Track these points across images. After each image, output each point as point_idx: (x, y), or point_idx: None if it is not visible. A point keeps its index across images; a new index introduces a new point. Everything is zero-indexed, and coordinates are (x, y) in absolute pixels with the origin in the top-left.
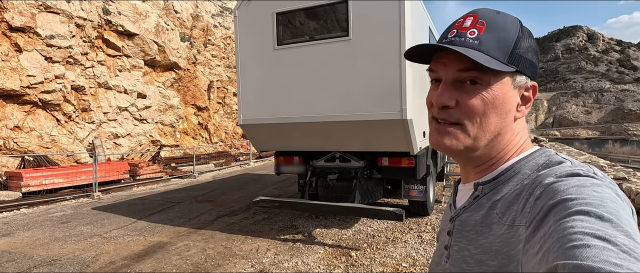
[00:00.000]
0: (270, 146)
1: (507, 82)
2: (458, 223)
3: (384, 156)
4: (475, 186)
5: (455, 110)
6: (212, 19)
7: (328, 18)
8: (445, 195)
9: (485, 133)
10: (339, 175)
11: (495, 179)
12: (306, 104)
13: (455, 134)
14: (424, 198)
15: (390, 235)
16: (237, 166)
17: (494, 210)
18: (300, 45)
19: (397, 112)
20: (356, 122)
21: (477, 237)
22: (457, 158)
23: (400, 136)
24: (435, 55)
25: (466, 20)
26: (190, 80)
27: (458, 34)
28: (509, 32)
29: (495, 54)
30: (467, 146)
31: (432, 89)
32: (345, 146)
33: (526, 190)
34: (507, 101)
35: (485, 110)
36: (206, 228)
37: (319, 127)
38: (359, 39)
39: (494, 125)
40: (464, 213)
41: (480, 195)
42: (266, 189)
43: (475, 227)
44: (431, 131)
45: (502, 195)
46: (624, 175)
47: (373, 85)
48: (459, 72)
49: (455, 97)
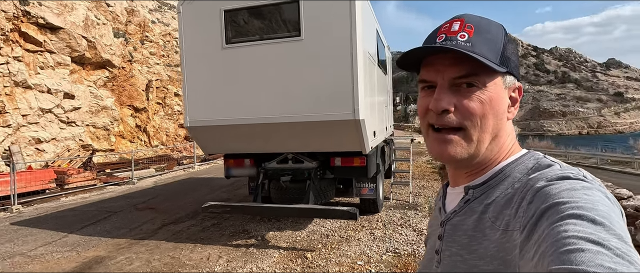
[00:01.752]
0: (220, 149)
1: (499, 83)
2: (449, 227)
3: (336, 156)
4: (465, 190)
5: (455, 114)
6: (150, 14)
7: (279, 17)
8: (393, 192)
9: (486, 135)
10: (292, 177)
11: (486, 183)
12: (257, 104)
13: (458, 141)
14: (375, 196)
15: (344, 234)
16: (181, 170)
17: (486, 215)
18: (251, 45)
19: (350, 112)
20: (309, 122)
21: (470, 242)
22: (456, 165)
23: (353, 136)
24: (425, 61)
25: (453, 25)
26: (126, 79)
27: (448, 38)
28: (497, 35)
29: (488, 55)
30: (470, 153)
31: (424, 96)
32: (298, 147)
33: (518, 194)
34: (501, 102)
35: (484, 112)
36: (150, 238)
37: (271, 128)
38: (311, 39)
39: (492, 126)
40: (454, 217)
41: (471, 199)
42: (214, 193)
43: (467, 231)
44: (430, 141)
45: (494, 199)
46: None
47: (325, 86)
48: (455, 75)
49: (453, 101)
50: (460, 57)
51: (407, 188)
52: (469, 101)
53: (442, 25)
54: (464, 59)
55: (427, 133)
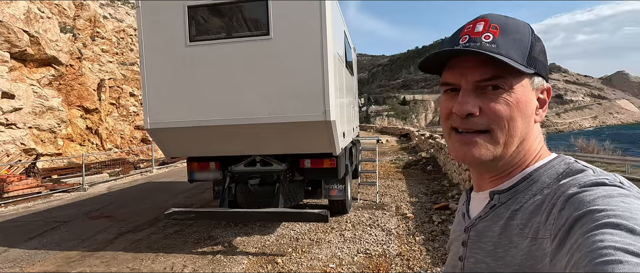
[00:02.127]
0: (183, 152)
1: (527, 85)
2: (473, 233)
3: (306, 158)
4: (491, 195)
5: (481, 117)
6: (101, 9)
7: (247, 15)
8: (360, 192)
9: (514, 138)
10: (260, 180)
11: (513, 188)
12: (224, 105)
13: (483, 143)
14: (344, 197)
15: (314, 236)
16: (138, 174)
17: (513, 221)
18: (217, 43)
19: (321, 113)
20: (279, 124)
21: (496, 249)
22: (480, 167)
23: (323, 137)
24: (448, 63)
25: (477, 26)
26: (75, 78)
27: (472, 40)
28: (524, 35)
29: (514, 57)
30: (496, 155)
31: (447, 99)
32: (267, 149)
33: (548, 200)
34: (529, 104)
35: (512, 115)
36: (106, 249)
37: (238, 130)
38: (280, 38)
39: (520, 129)
40: (479, 223)
41: (497, 205)
42: (175, 199)
43: (493, 238)
44: (453, 143)
45: (521, 205)
46: None
47: (295, 86)
48: (480, 78)
49: (478, 104)
50: (485, 58)
51: (373, 189)
52: (495, 104)
53: (465, 26)
54: (489, 61)
55: (450, 135)
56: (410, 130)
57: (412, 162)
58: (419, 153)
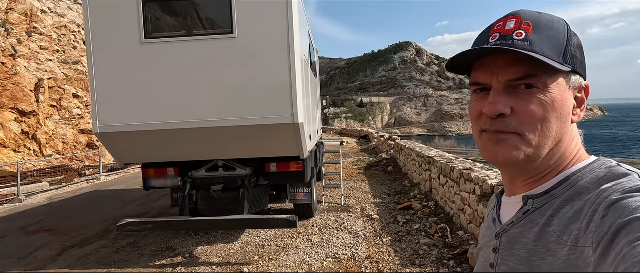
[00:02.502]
0: (138, 158)
1: (563, 83)
2: (505, 240)
3: (272, 162)
4: (524, 200)
5: (512, 118)
6: (39, 2)
7: (209, 13)
8: (325, 195)
9: (548, 140)
10: (224, 185)
11: (549, 192)
12: (184, 107)
13: (515, 143)
14: (310, 201)
15: (280, 242)
16: (83, 183)
17: (549, 228)
18: (176, 41)
19: (289, 115)
20: (244, 127)
21: (532, 257)
22: (512, 170)
23: (291, 140)
24: (478, 62)
25: (508, 23)
26: (7, 78)
27: (502, 38)
28: (559, 31)
29: (549, 54)
30: (528, 155)
31: (477, 99)
32: (230, 153)
33: (588, 206)
34: (565, 104)
35: (546, 115)
36: (48, 267)
37: (200, 133)
38: (244, 37)
39: (555, 130)
40: (511, 229)
41: (531, 210)
42: (127, 208)
43: (527, 245)
44: (483, 143)
45: (559, 211)
46: (469, 166)
47: (261, 88)
48: (512, 77)
49: (510, 103)
50: (518, 57)
51: (337, 191)
52: (529, 104)
53: (495, 24)
54: (522, 59)
55: (480, 136)
56: (369, 132)
57: (373, 164)
58: (379, 154)
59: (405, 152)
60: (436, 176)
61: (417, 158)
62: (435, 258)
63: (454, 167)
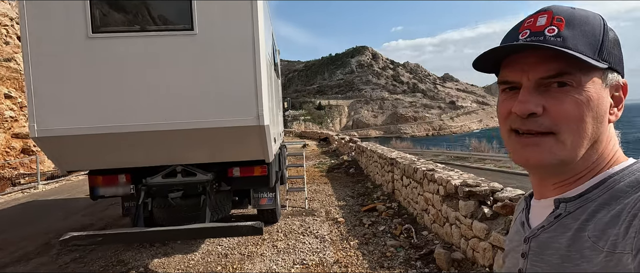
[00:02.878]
0: (83, 164)
1: (599, 81)
2: (535, 245)
3: (234, 166)
4: (556, 203)
5: (544, 117)
6: None
7: (167, 6)
8: (288, 199)
9: (583, 141)
10: (183, 192)
11: (583, 196)
12: (137, 108)
13: (547, 145)
14: (274, 206)
15: (244, 250)
16: (18, 192)
17: (584, 233)
18: (128, 36)
19: (254, 117)
20: (205, 129)
21: (564, 263)
22: (543, 173)
23: (255, 144)
24: (507, 60)
25: (539, 19)
26: None
27: (533, 34)
28: (594, 26)
29: (583, 50)
30: (562, 158)
31: (506, 98)
32: (190, 158)
33: (628, 211)
34: (601, 102)
35: (581, 115)
36: None
37: (155, 137)
38: (206, 34)
39: (591, 131)
40: (542, 233)
41: (563, 214)
42: (71, 219)
43: (559, 250)
44: (513, 145)
45: (594, 215)
46: (432, 167)
47: (224, 88)
48: (544, 75)
49: (541, 102)
50: (550, 54)
51: (301, 194)
52: (562, 103)
53: (525, 20)
54: (554, 56)
55: (509, 137)
56: (329, 134)
57: (335, 166)
58: (340, 156)
59: (367, 154)
60: (399, 177)
61: (379, 160)
62: (402, 259)
63: (417, 168)
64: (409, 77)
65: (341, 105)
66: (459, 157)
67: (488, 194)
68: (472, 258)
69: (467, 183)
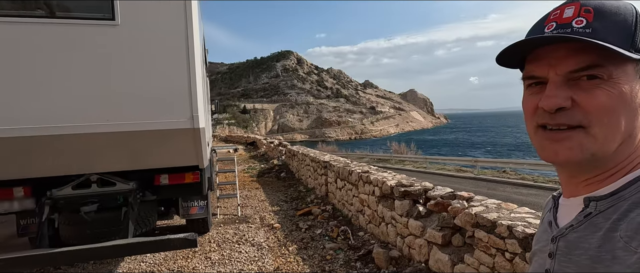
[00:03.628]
0: None
1: (632, 73)
2: (563, 244)
3: (162, 173)
4: (586, 202)
5: (574, 111)
6: None
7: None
8: (219, 207)
9: (616, 135)
10: (99, 205)
11: (616, 194)
12: (43, 108)
13: (578, 139)
14: (206, 214)
15: (173, 265)
16: None
17: (616, 233)
18: (29, 22)
19: (187, 119)
20: (129, 133)
21: (594, 264)
22: (573, 169)
23: (189, 148)
24: (532, 54)
25: (565, 11)
26: None
27: (560, 26)
28: (626, 16)
29: (615, 42)
30: (594, 153)
31: (531, 93)
32: (108, 165)
33: None
34: (635, 95)
35: (614, 107)
36: None
37: (65, 142)
38: (130, 25)
39: (625, 125)
40: (570, 233)
41: (593, 213)
42: None
43: (589, 251)
44: (540, 141)
45: (627, 215)
46: (367, 169)
47: (153, 87)
48: (574, 68)
49: (570, 95)
50: (578, 46)
51: (232, 201)
52: (593, 96)
53: (551, 12)
54: (583, 49)
55: (536, 133)
56: (257, 138)
57: (265, 170)
58: (270, 161)
59: (299, 158)
60: (333, 180)
61: (311, 163)
62: (342, 261)
63: (352, 170)
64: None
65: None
66: (381, 159)
67: (421, 193)
68: (409, 255)
69: (402, 183)
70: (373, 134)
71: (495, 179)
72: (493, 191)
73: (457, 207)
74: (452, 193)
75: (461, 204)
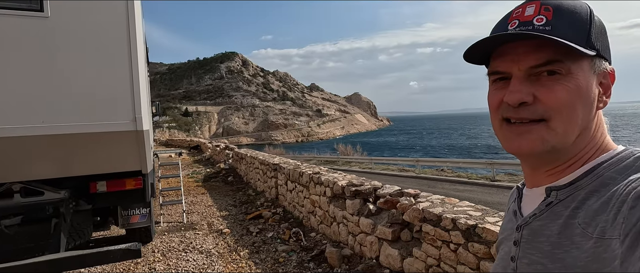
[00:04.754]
0: None
1: (587, 69)
2: (527, 232)
3: (99, 179)
4: (547, 191)
5: (536, 105)
6: None
7: None
8: (163, 214)
9: (574, 128)
10: (24, 217)
11: (574, 183)
12: None
13: (539, 132)
14: (149, 223)
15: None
16: None
17: (574, 220)
18: None
19: (130, 121)
20: (63, 136)
21: (555, 250)
22: (534, 161)
23: (131, 152)
24: (497, 51)
25: (526, 9)
26: None
27: (522, 24)
28: (581, 14)
29: (572, 38)
30: (554, 145)
31: (496, 88)
32: (36, 172)
33: (616, 197)
34: (590, 89)
35: (572, 102)
36: None
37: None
38: (61, 17)
39: (581, 117)
40: (534, 221)
41: (554, 202)
42: None
43: (550, 238)
44: (504, 134)
45: (584, 203)
46: (317, 170)
47: (90, 86)
48: (534, 63)
49: (532, 91)
50: (539, 42)
51: (176, 208)
52: (553, 91)
53: (513, 11)
54: (543, 45)
55: (500, 127)
56: (201, 142)
57: (211, 175)
58: (216, 165)
59: (247, 161)
60: (283, 182)
61: (260, 166)
62: (295, 263)
63: (303, 172)
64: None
65: (210, 111)
66: (328, 161)
67: (371, 192)
68: (360, 252)
69: (353, 183)
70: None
71: (434, 177)
72: (433, 188)
73: (405, 203)
74: (400, 191)
75: (409, 201)
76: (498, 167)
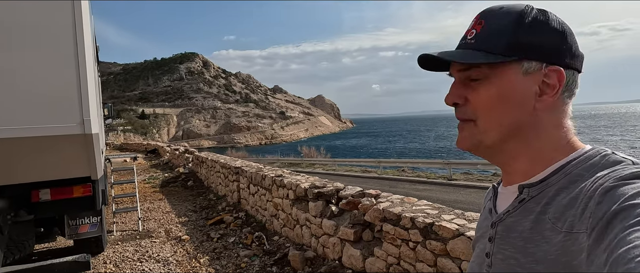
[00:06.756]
0: None
1: (513, 72)
2: (501, 229)
3: (42, 187)
4: (520, 189)
5: (467, 106)
6: None
7: None
8: (116, 223)
9: (496, 125)
10: None
11: (544, 181)
12: None
13: (469, 130)
14: (99, 232)
15: None
16: None
17: (545, 215)
18: None
19: (77, 124)
20: (4, 140)
21: (527, 245)
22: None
23: (79, 157)
24: None
25: (471, 23)
26: None
27: (463, 38)
28: (510, 20)
29: (491, 48)
30: (481, 141)
31: None
32: None
33: (584, 194)
34: (515, 92)
35: (492, 104)
36: None
37: None
38: (2, 15)
39: (507, 117)
40: (507, 218)
41: (526, 199)
42: None
43: (523, 233)
44: None
45: (554, 199)
46: (280, 173)
47: (32, 86)
48: (460, 72)
49: (464, 94)
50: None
51: (131, 215)
52: (476, 94)
53: None
54: None
55: None
56: (159, 146)
57: (170, 179)
58: (175, 169)
59: (208, 164)
60: (245, 186)
61: (221, 170)
62: (258, 267)
63: (266, 175)
64: (242, 87)
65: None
66: (292, 163)
67: (334, 193)
68: (323, 254)
69: (315, 185)
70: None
71: (395, 178)
72: (394, 188)
73: (367, 204)
74: (361, 192)
75: (370, 201)
76: (454, 167)
